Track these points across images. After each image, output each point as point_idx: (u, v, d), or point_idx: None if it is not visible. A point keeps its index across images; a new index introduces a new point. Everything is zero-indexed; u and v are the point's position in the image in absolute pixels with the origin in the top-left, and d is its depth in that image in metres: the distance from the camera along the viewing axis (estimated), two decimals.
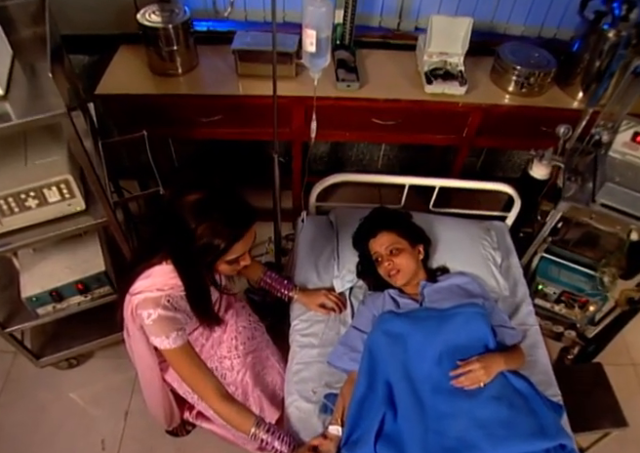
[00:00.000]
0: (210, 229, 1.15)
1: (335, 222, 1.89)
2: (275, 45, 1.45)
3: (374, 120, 2.14)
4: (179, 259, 1.23)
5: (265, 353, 1.67)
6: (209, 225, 1.15)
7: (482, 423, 1.30)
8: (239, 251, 1.23)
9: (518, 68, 2.00)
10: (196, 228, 1.15)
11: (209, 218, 1.16)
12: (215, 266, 1.24)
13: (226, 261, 1.23)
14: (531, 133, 2.16)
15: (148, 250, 1.30)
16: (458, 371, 1.37)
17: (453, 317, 1.46)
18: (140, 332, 1.34)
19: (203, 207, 1.17)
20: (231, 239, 1.19)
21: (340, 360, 1.54)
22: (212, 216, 1.16)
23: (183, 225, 1.16)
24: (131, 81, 2.02)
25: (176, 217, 1.18)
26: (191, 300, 1.29)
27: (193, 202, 1.17)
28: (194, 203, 1.17)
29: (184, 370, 1.31)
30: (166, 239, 1.23)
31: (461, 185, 1.85)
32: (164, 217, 1.22)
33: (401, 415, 1.35)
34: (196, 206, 1.17)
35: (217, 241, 1.17)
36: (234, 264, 1.27)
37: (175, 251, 1.23)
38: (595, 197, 1.63)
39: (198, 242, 1.16)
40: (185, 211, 1.17)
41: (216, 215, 1.17)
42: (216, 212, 1.17)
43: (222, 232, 1.17)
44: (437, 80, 1.98)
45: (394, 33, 2.27)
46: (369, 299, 1.67)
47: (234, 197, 1.22)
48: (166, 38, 1.92)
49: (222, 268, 1.26)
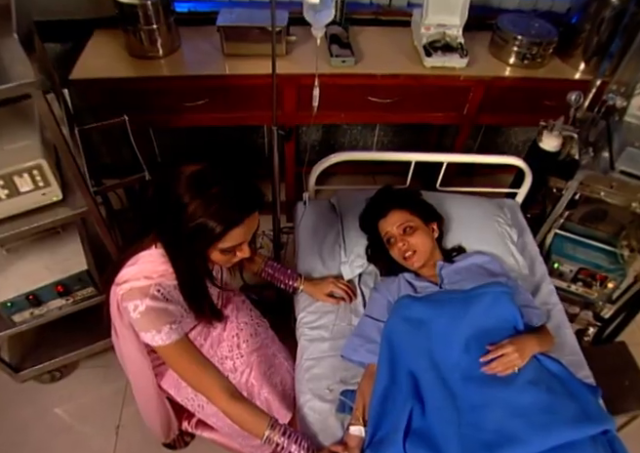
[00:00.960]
0: (204, 208, 0.98)
1: (337, 205, 1.75)
2: (274, 16, 1.30)
3: (370, 99, 2.02)
4: (168, 240, 1.07)
5: (271, 351, 1.52)
6: (203, 202, 0.98)
7: (521, 411, 1.17)
8: (236, 239, 1.05)
9: (519, 38, 1.90)
10: (189, 205, 0.98)
11: (205, 194, 0.98)
12: (206, 253, 1.07)
13: (220, 249, 1.06)
14: (533, 107, 2.07)
15: (137, 233, 1.15)
16: (489, 356, 1.24)
17: (478, 298, 1.33)
18: (128, 330, 1.19)
19: (200, 180, 1.00)
20: (228, 223, 1.01)
21: (355, 353, 1.39)
22: (209, 192, 0.99)
23: (176, 199, 0.99)
24: (107, 65, 1.87)
25: (168, 190, 1.02)
26: (184, 290, 1.13)
27: (190, 174, 1.01)
28: (191, 175, 1.00)
29: (184, 369, 1.16)
30: (156, 217, 1.06)
31: (470, 159, 1.74)
32: (156, 190, 1.05)
33: (430, 409, 1.22)
34: (193, 178, 1.00)
35: (211, 224, 0.99)
36: (229, 254, 1.10)
37: (164, 231, 1.06)
38: (615, 164, 1.53)
39: (190, 222, 0.99)
40: (180, 183, 1.00)
41: (214, 191, 0.99)
42: (214, 188, 0.99)
43: (218, 214, 0.99)
44: (437, 53, 1.87)
45: (386, 10, 2.16)
46: (382, 285, 1.53)
47: (240, 175, 1.05)
48: (145, 16, 1.77)
49: (216, 257, 1.09)
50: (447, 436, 1.15)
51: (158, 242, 1.11)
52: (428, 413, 1.21)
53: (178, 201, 0.99)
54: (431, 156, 1.72)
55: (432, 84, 1.97)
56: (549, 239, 1.86)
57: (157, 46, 1.87)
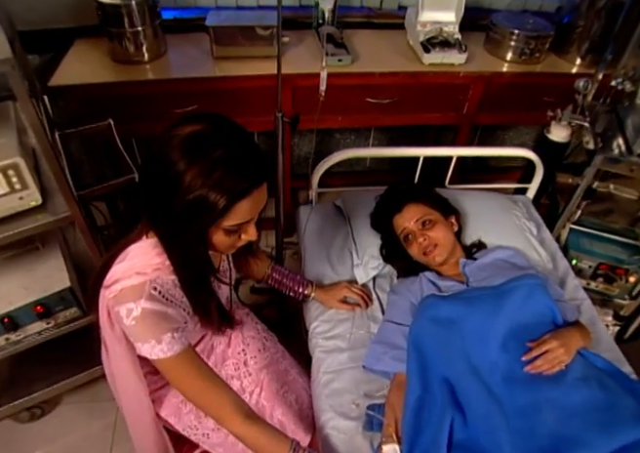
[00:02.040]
0: (204, 176, 0.79)
1: (343, 206, 1.63)
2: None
3: (368, 100, 1.95)
4: (161, 223, 0.89)
5: (283, 366, 1.36)
6: (204, 169, 0.79)
7: (575, 411, 1.04)
8: (243, 215, 0.86)
9: (516, 33, 1.87)
10: (185, 173, 0.79)
11: (205, 159, 0.80)
12: (208, 233, 0.89)
13: (224, 228, 0.87)
14: (533, 105, 2.02)
15: (125, 224, 1.00)
16: (532, 354, 1.11)
17: (511, 292, 1.21)
18: (120, 344, 1.01)
19: (199, 143, 0.81)
20: (234, 195, 0.82)
21: (379, 362, 1.25)
22: (210, 156, 0.80)
23: (168, 168, 0.80)
24: (89, 71, 1.75)
25: (158, 157, 0.83)
26: (184, 284, 0.96)
27: (186, 136, 0.81)
28: (187, 137, 0.81)
29: (190, 386, 0.99)
30: (145, 195, 0.88)
31: (480, 152, 1.67)
32: (144, 161, 0.88)
33: (473, 417, 1.07)
34: (189, 141, 0.81)
35: (213, 196, 0.80)
36: (234, 236, 0.92)
37: (155, 211, 0.88)
38: (633, 148, 1.45)
39: (187, 195, 0.80)
40: (173, 148, 0.81)
41: (216, 155, 0.80)
42: (216, 151, 0.80)
43: (223, 183, 0.80)
44: (435, 49, 1.82)
45: (377, 13, 2.12)
46: (401, 286, 1.40)
47: (247, 138, 0.88)
48: (129, 18, 1.68)
49: (218, 240, 0.91)
50: (497, 447, 1.01)
51: (150, 231, 0.96)
52: (471, 422, 1.07)
53: (171, 170, 0.81)
54: (440, 150, 1.64)
55: (431, 82, 1.91)
56: (564, 235, 1.77)
57: (142, 50, 1.77)
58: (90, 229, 1.30)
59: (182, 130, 0.83)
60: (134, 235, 0.97)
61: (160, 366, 0.96)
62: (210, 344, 1.30)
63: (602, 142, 1.59)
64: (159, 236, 0.93)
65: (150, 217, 0.91)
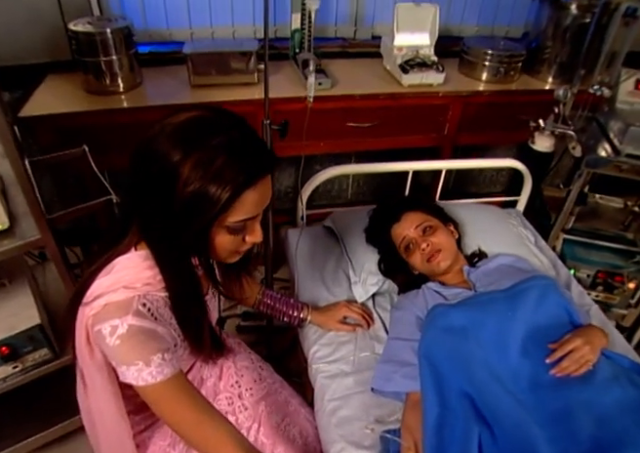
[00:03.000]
0: (204, 166, 0.71)
1: (334, 225, 1.56)
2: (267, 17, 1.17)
3: (349, 124, 1.93)
4: (155, 225, 0.79)
5: (282, 397, 1.22)
6: (203, 157, 0.72)
7: (611, 412, 0.96)
8: (249, 209, 0.78)
9: (489, 53, 1.91)
10: (181, 163, 0.71)
11: (203, 146, 0.72)
12: (210, 234, 0.79)
13: (229, 226, 0.78)
14: (511, 124, 2.04)
15: (111, 235, 0.90)
16: (556, 355, 1.03)
17: (524, 294, 1.14)
18: (101, 373, 0.87)
19: (196, 128, 0.74)
20: (240, 184, 0.74)
21: (389, 382, 1.13)
22: (209, 143, 0.73)
23: (161, 160, 0.73)
24: (62, 102, 1.69)
25: (150, 148, 0.74)
26: (177, 302, 0.86)
27: (181, 122, 0.75)
28: (182, 123, 0.75)
29: (183, 418, 0.84)
30: (137, 196, 0.79)
31: (467, 164, 1.65)
32: (134, 158, 0.78)
33: (502, 430, 0.96)
34: (185, 127, 0.74)
35: (215, 187, 0.72)
36: (238, 236, 0.82)
37: (149, 211, 0.79)
38: (619, 147, 1.45)
39: (186, 189, 0.72)
40: (167, 135, 0.73)
41: (216, 142, 0.73)
42: (216, 137, 0.73)
43: (225, 172, 0.72)
44: (413, 69, 1.83)
45: (352, 43, 2.16)
46: (403, 300, 1.32)
47: (247, 125, 0.80)
48: (104, 46, 1.64)
49: (221, 242, 0.82)
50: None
51: (139, 242, 0.86)
52: (501, 436, 0.96)
53: (165, 162, 0.72)
54: (429, 164, 1.61)
55: (411, 104, 1.91)
56: (559, 246, 1.74)
57: (117, 81, 1.72)
58: (62, 259, 1.18)
59: (176, 118, 0.76)
60: (121, 247, 0.86)
61: (148, 394, 0.83)
62: (199, 376, 1.16)
63: (589, 147, 1.60)
64: (152, 245, 0.83)
65: (143, 221, 0.82)
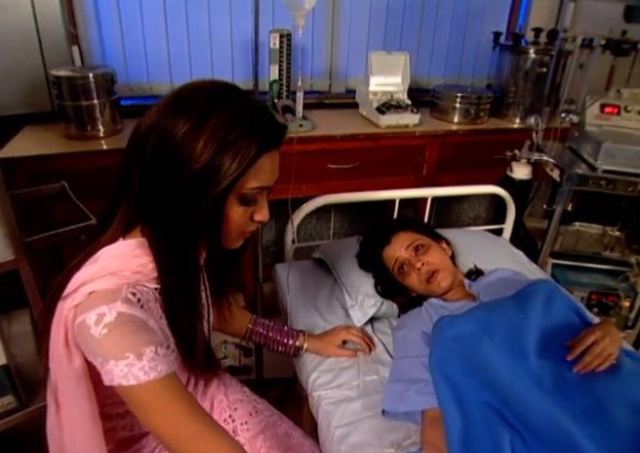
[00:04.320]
0: (225, 128, 0.70)
1: (324, 255, 1.51)
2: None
3: (330, 166, 1.96)
4: (158, 205, 0.73)
5: (282, 429, 1.09)
6: (224, 119, 0.70)
7: None
8: (263, 176, 0.75)
9: (459, 96, 2.03)
10: (202, 125, 0.69)
11: (218, 110, 0.71)
12: (225, 202, 0.74)
13: (243, 194, 0.74)
14: (486, 163, 2.12)
15: (97, 225, 0.82)
16: (576, 351, 0.98)
17: (530, 297, 1.10)
18: (79, 387, 0.76)
19: (204, 96, 0.73)
20: (259, 146, 0.72)
21: (402, 402, 1.03)
22: (222, 107, 0.72)
23: (163, 132, 0.70)
24: (39, 146, 1.66)
25: (148, 126, 0.72)
26: (169, 294, 0.78)
27: (181, 92, 0.74)
28: (185, 93, 0.74)
29: (178, 428, 0.72)
30: (135, 175, 0.74)
31: (451, 192, 1.65)
32: (141, 132, 0.74)
33: (535, 432, 0.87)
34: (188, 96, 0.74)
35: (236, 148, 0.70)
36: (249, 207, 0.78)
37: (151, 191, 0.73)
38: (596, 164, 1.50)
39: (203, 155, 0.69)
40: (176, 103, 0.73)
41: (234, 105, 0.72)
42: (232, 102, 0.73)
43: (245, 135, 0.71)
44: (390, 110, 1.91)
45: (327, 95, 2.26)
46: (406, 320, 1.24)
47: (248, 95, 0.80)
48: (86, 90, 1.65)
49: (234, 214, 0.76)
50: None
51: (127, 231, 0.79)
52: (535, 438, 0.87)
53: (168, 133, 0.70)
54: (414, 192, 1.61)
55: (390, 145, 1.97)
56: (549, 271, 1.73)
57: (98, 126, 1.73)
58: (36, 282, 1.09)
59: (182, 88, 0.75)
60: (106, 237, 0.79)
61: (140, 397, 0.71)
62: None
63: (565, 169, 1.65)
64: (154, 229, 0.76)
65: (143, 205, 0.75)
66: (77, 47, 1.85)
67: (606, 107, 1.59)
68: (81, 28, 1.88)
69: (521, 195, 1.76)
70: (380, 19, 2.17)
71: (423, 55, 2.28)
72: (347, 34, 2.17)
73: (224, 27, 2.00)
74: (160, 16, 1.94)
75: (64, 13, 1.77)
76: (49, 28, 1.76)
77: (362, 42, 2.19)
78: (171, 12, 1.94)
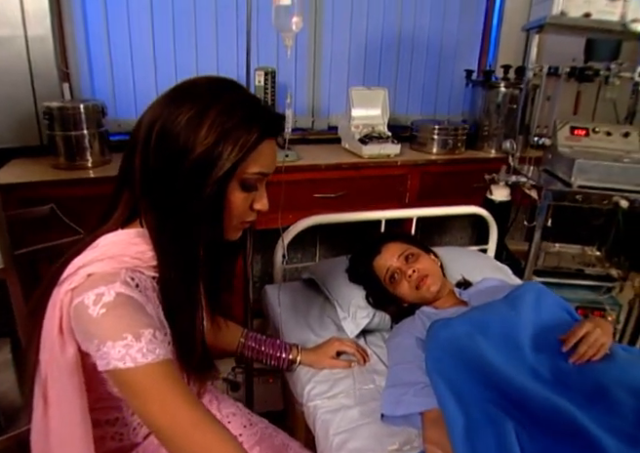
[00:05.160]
0: (227, 115, 0.73)
1: (314, 275, 1.51)
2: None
3: (316, 196, 2.00)
4: (161, 193, 0.74)
5: (279, 440, 1.04)
6: (224, 107, 0.73)
7: None
8: (264, 162, 0.77)
9: (437, 127, 2.13)
10: (205, 112, 0.72)
11: (222, 97, 0.74)
12: (227, 188, 0.75)
13: (245, 179, 0.76)
14: (465, 191, 2.19)
15: (99, 218, 0.82)
16: (570, 341, 0.99)
17: (521, 298, 1.12)
18: (70, 376, 0.73)
19: (210, 86, 0.77)
20: (260, 132, 0.74)
21: (400, 405, 1.01)
22: (226, 96, 0.75)
23: (166, 121, 0.72)
24: (26, 175, 1.67)
25: (164, 109, 0.74)
26: (168, 284, 0.77)
27: (191, 83, 0.78)
28: (193, 83, 0.78)
29: (178, 417, 0.70)
30: (147, 159, 0.74)
31: (436, 212, 1.70)
32: (145, 124, 0.75)
33: (540, 421, 0.85)
34: (198, 85, 0.77)
35: (237, 134, 0.73)
36: (250, 194, 0.79)
37: (154, 178, 0.74)
38: (571, 180, 1.57)
39: (208, 138, 0.71)
40: (180, 94, 0.76)
41: (233, 96, 0.76)
42: (231, 92, 0.77)
43: (246, 121, 0.74)
44: (372, 141, 1.99)
45: (310, 132, 2.35)
46: (399, 329, 1.24)
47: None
48: (75, 120, 1.69)
49: (235, 200, 0.77)
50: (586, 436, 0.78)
51: (127, 223, 0.80)
52: (540, 427, 0.85)
53: (171, 121, 0.72)
54: (400, 212, 1.66)
55: (373, 174, 2.04)
56: None
57: (86, 156, 1.75)
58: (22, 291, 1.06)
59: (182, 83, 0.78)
60: (106, 228, 0.79)
61: (137, 381, 0.69)
62: None
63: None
64: (157, 217, 0.76)
65: (146, 192, 0.76)
66: (68, 84, 1.91)
67: (576, 130, 1.69)
68: (72, 66, 1.95)
69: (502, 216, 1.81)
70: (359, 59, 2.31)
71: (401, 93, 2.41)
72: (328, 73, 2.29)
73: (211, 66, 2.10)
74: (149, 55, 2.02)
75: (57, 51, 1.84)
76: (41, 66, 1.82)
77: (342, 80, 2.32)
78: (160, 52, 2.03)
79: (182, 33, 2.03)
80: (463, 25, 2.36)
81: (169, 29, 2.02)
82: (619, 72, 1.59)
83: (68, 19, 1.88)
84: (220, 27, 2.08)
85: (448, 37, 2.34)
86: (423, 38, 2.32)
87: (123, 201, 0.80)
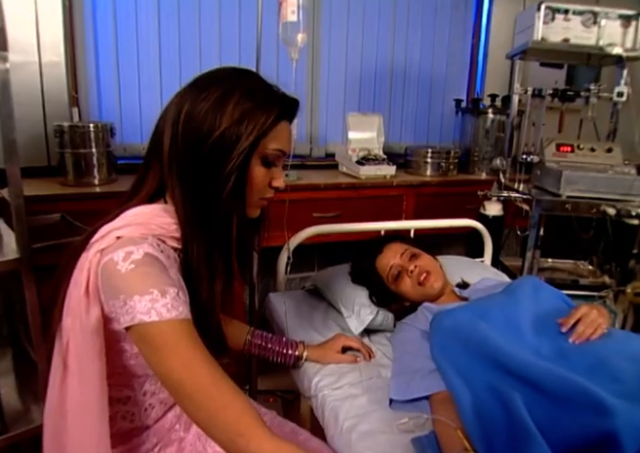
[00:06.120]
0: (249, 96, 0.80)
1: (317, 283, 1.54)
2: None
3: (315, 215, 2.05)
4: (189, 169, 0.79)
5: (289, 428, 1.03)
6: (246, 88, 0.81)
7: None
8: (282, 140, 0.84)
9: (430, 151, 2.23)
10: (228, 94, 0.79)
11: (244, 81, 0.83)
12: (250, 161, 0.81)
13: (266, 154, 0.82)
14: (458, 212, 2.22)
15: (126, 196, 0.87)
16: (569, 321, 1.03)
17: (519, 289, 1.16)
18: (92, 339, 0.74)
19: (230, 72, 0.85)
20: (279, 112, 0.82)
21: (408, 390, 1.02)
22: (246, 79, 0.84)
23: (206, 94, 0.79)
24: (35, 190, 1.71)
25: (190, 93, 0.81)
26: (194, 257, 0.81)
27: (212, 72, 0.85)
28: (214, 72, 0.85)
29: (197, 374, 0.72)
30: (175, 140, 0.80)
31: (433, 224, 1.75)
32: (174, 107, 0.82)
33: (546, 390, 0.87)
34: (220, 71, 0.85)
35: (258, 113, 0.79)
36: (269, 170, 0.84)
37: (182, 156, 0.79)
38: (560, 191, 1.65)
39: (230, 118, 0.78)
40: (206, 80, 0.83)
41: (252, 80, 0.84)
42: (250, 77, 0.85)
43: (266, 102, 0.81)
44: (369, 162, 2.08)
45: (308, 159, 2.44)
46: (403, 324, 1.26)
47: None
48: (84, 138, 1.75)
49: (257, 175, 0.83)
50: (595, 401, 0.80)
51: (153, 200, 0.84)
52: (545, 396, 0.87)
53: (201, 99, 0.79)
54: (398, 224, 1.71)
55: (370, 195, 2.11)
56: None
57: (94, 173, 1.80)
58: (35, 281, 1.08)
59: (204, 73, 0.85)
60: (131, 204, 0.84)
61: (159, 336, 0.71)
62: None
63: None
64: (186, 186, 0.80)
65: (179, 162, 0.80)
66: (77, 108, 2.00)
67: (561, 146, 1.79)
68: (82, 92, 2.04)
69: (495, 231, 1.87)
70: (354, 90, 2.44)
71: (394, 122, 2.54)
72: (325, 103, 2.42)
73: None
74: (156, 83, 2.13)
75: (69, 77, 1.94)
76: (53, 91, 1.91)
77: (338, 110, 2.43)
78: (166, 80, 2.14)
79: (188, 63, 2.15)
80: (452, 57, 2.53)
81: (175, 58, 2.14)
82: (598, 92, 1.71)
83: (80, 47, 1.99)
84: (223, 60, 2.21)
85: (437, 68, 2.50)
86: (415, 69, 2.48)
87: (149, 179, 0.85)
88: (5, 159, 1.05)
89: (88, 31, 2.00)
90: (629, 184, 1.59)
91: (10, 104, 1.03)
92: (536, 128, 1.88)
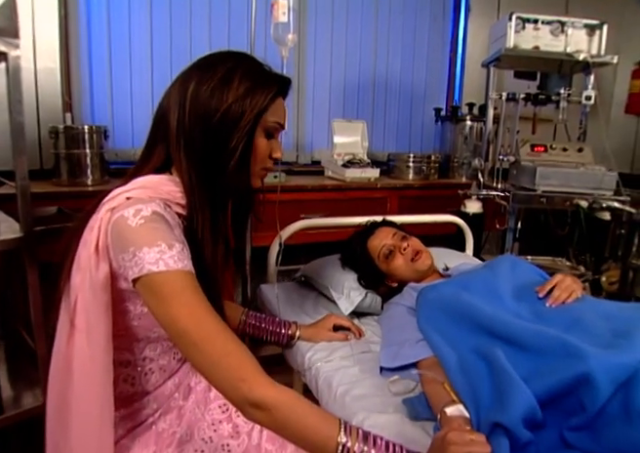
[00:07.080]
0: (250, 74, 0.88)
1: (306, 272, 1.59)
2: None
3: (302, 216, 2.11)
4: (196, 141, 0.86)
5: None
6: (247, 68, 0.89)
7: (615, 311, 1.03)
8: (280, 114, 0.92)
9: (411, 156, 2.33)
10: (234, 70, 0.87)
11: (244, 61, 0.90)
12: (255, 132, 0.88)
13: (267, 126, 0.89)
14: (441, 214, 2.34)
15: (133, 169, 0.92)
16: (546, 287, 1.11)
17: (498, 263, 1.24)
18: (101, 295, 0.78)
19: (229, 54, 0.92)
20: (277, 89, 0.90)
21: (398, 357, 1.07)
22: (246, 59, 0.92)
23: (214, 71, 0.87)
24: None
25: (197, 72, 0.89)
26: (199, 225, 0.86)
27: (211, 54, 0.93)
28: (213, 54, 0.93)
29: (201, 322, 0.76)
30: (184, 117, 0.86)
31: (414, 219, 1.82)
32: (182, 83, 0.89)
33: (526, 345, 0.93)
34: (219, 53, 0.93)
35: (260, 89, 0.87)
36: (270, 141, 0.92)
37: (190, 127, 0.86)
38: (535, 186, 1.75)
39: (236, 93, 0.85)
40: (210, 59, 0.91)
41: (250, 60, 0.92)
42: (249, 58, 0.93)
43: (265, 80, 0.89)
44: (354, 165, 2.16)
45: (295, 165, 2.51)
46: (391, 303, 1.32)
47: None
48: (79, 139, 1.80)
49: (260, 145, 0.90)
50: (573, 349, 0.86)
51: (160, 171, 0.90)
52: (526, 350, 0.93)
53: (207, 77, 0.86)
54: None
55: (355, 196, 2.19)
56: None
57: (87, 173, 1.84)
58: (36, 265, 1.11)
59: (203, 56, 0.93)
60: (138, 176, 0.89)
61: (166, 285, 0.75)
62: (186, 382, 1.02)
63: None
64: (193, 159, 0.87)
65: (187, 139, 0.87)
66: (70, 114, 2.05)
67: (535, 147, 1.90)
68: (75, 98, 2.10)
69: (476, 228, 1.96)
70: (338, 99, 2.56)
71: (377, 131, 2.64)
72: (311, 111, 2.52)
73: None
74: (148, 90, 2.20)
75: (63, 83, 2.00)
76: (47, 96, 1.97)
77: (324, 118, 2.54)
78: (158, 87, 2.22)
79: (180, 70, 2.24)
80: (431, 68, 2.67)
81: (167, 65, 2.22)
82: (568, 96, 1.84)
83: (75, 54, 2.06)
84: None
85: (417, 78, 2.64)
86: (396, 79, 2.61)
87: (155, 156, 0.91)
88: (12, 141, 1.09)
89: (82, 39, 2.07)
90: (599, 178, 1.70)
91: (20, 90, 1.09)
92: (511, 133, 1.99)
